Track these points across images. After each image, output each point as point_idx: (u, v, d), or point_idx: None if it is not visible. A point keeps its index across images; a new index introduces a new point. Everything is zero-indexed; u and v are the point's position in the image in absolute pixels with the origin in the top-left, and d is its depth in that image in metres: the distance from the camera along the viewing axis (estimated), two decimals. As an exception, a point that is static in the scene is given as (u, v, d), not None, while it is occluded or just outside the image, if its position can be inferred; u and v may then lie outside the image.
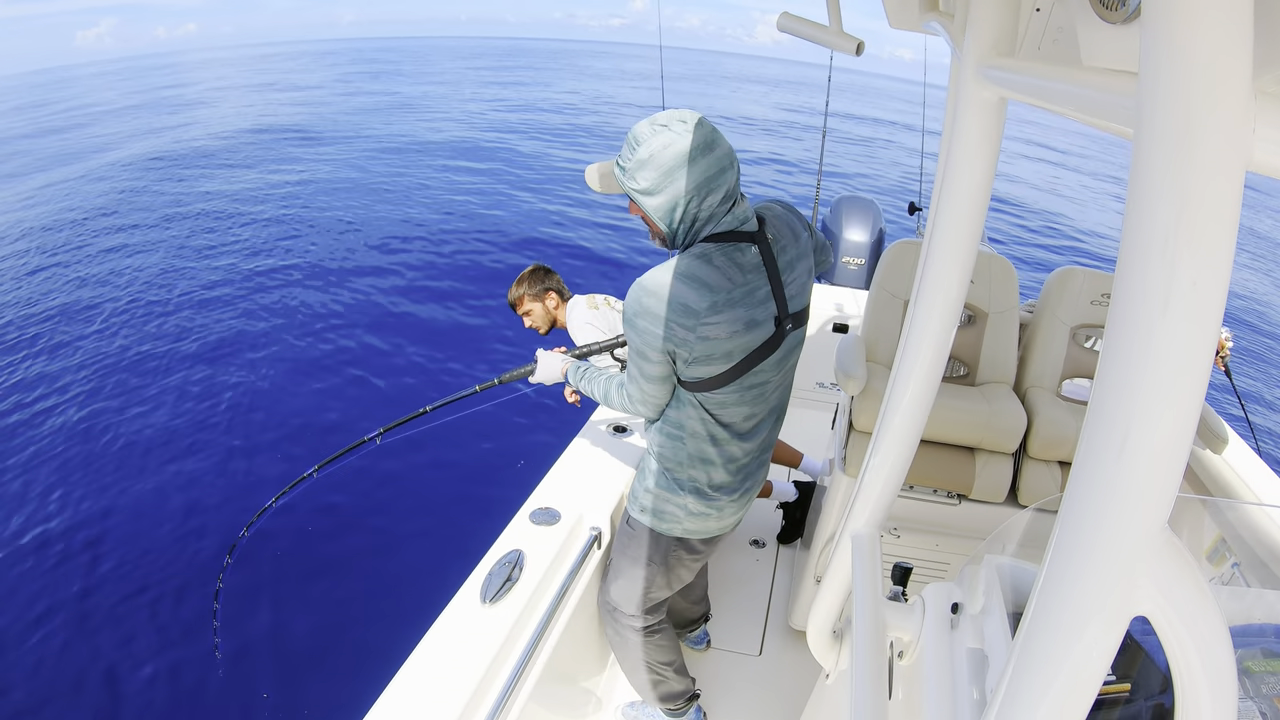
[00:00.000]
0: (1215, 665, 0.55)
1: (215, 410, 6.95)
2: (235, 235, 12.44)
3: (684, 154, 1.59)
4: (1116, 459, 0.54)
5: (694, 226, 1.69)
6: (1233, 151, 0.46)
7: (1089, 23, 0.76)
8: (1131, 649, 1.02)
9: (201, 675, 4.20)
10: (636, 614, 2.30)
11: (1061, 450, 2.48)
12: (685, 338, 1.66)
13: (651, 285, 1.66)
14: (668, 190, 1.62)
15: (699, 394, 1.81)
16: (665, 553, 2.13)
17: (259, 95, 37.07)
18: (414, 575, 4.80)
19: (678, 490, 1.99)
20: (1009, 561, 1.27)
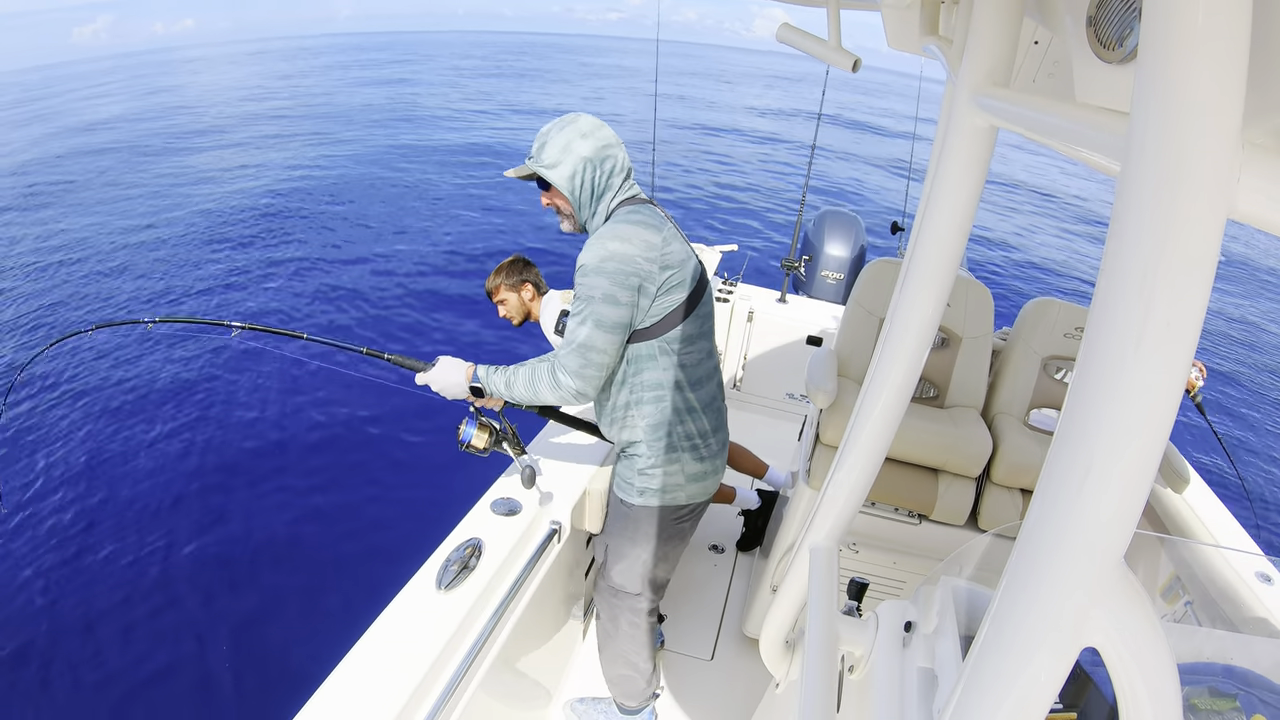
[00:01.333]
0: (1161, 701, 0.55)
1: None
2: (224, 232, 12.31)
3: (579, 131, 1.90)
4: (1078, 491, 0.55)
5: (595, 194, 1.96)
6: (1217, 198, 0.47)
7: (1085, 60, 0.77)
8: (1080, 679, 1.03)
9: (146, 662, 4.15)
10: (642, 592, 2.38)
11: (1025, 478, 2.51)
12: (651, 269, 1.89)
13: (610, 234, 1.88)
14: (567, 160, 1.90)
15: (664, 336, 1.98)
16: (665, 524, 2.24)
17: (254, 90, 36.52)
18: (370, 557, 4.77)
19: (673, 453, 2.12)
20: (965, 584, 1.28)
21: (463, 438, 2.29)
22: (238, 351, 9.30)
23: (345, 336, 7.35)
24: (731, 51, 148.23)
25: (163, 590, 4.64)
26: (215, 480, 5.93)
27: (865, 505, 2.56)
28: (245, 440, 6.53)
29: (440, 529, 2.25)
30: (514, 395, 2.05)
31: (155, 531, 5.21)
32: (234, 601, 4.59)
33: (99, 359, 7.85)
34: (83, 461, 6.14)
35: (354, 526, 5.37)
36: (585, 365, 1.90)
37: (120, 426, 6.64)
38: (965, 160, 1.07)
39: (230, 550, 5.15)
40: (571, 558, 2.67)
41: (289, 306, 9.04)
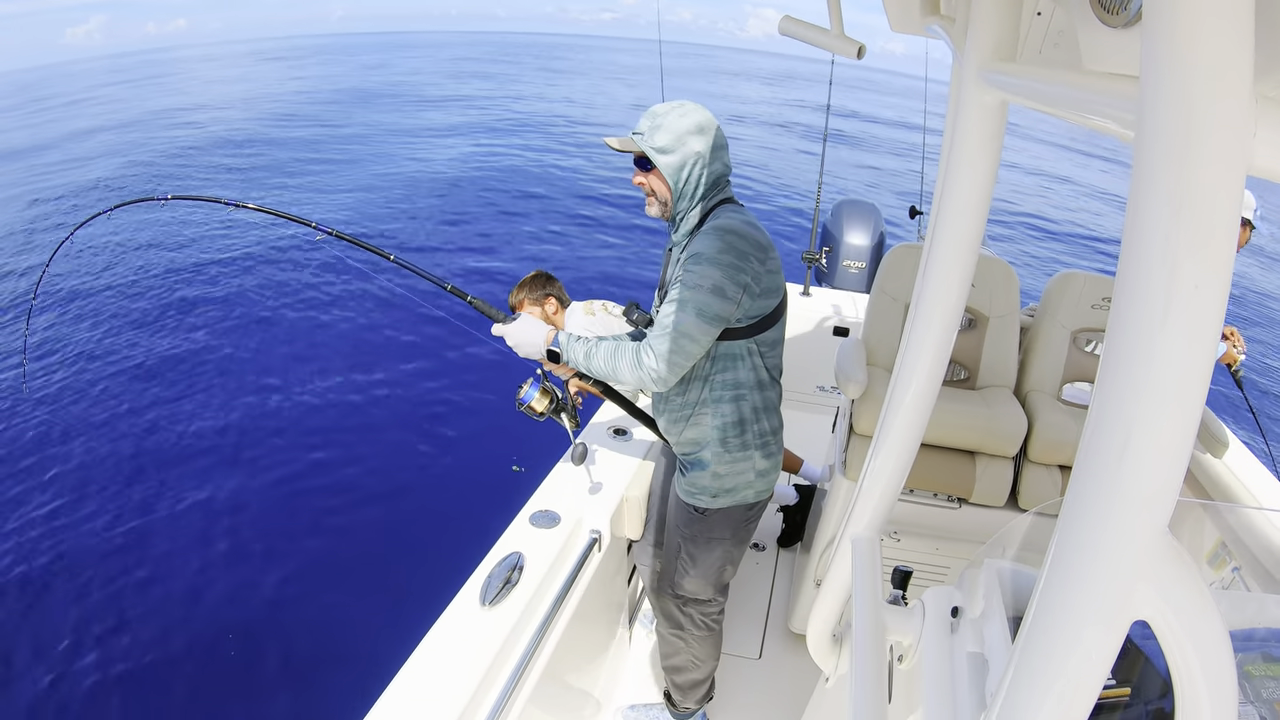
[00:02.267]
0: (1215, 670, 0.55)
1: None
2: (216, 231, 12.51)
3: (696, 124, 1.89)
4: (1117, 463, 0.54)
5: (698, 190, 1.93)
6: (1233, 155, 0.46)
7: (1090, 26, 0.76)
8: (1131, 653, 1.02)
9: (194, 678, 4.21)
10: (714, 596, 2.40)
11: (1062, 454, 2.48)
12: (759, 271, 1.91)
13: (731, 227, 1.88)
14: (680, 151, 1.88)
15: (757, 337, 2.00)
16: (737, 525, 2.25)
17: (247, 90, 37.02)
18: (414, 576, 4.80)
19: (745, 452, 2.11)
20: (1009, 565, 1.27)
21: (523, 398, 2.28)
22: (315, 260, 10.00)
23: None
24: (727, 51, 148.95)
25: (194, 598, 4.72)
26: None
27: (904, 493, 2.54)
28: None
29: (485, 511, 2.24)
30: (591, 367, 1.99)
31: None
32: (277, 610, 4.67)
33: (167, 230, 8.38)
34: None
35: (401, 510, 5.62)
36: (675, 352, 1.87)
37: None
38: (978, 138, 1.07)
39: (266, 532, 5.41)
40: (613, 566, 2.68)
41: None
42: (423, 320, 8.65)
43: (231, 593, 4.88)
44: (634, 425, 2.97)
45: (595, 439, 2.88)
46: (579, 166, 17.90)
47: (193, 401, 7.25)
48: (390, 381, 7.72)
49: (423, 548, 5.11)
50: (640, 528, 2.65)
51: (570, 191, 15.55)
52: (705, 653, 2.49)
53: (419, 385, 7.63)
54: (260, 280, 9.94)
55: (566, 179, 16.71)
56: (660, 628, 2.52)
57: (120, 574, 5.10)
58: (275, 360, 8.10)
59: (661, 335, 1.88)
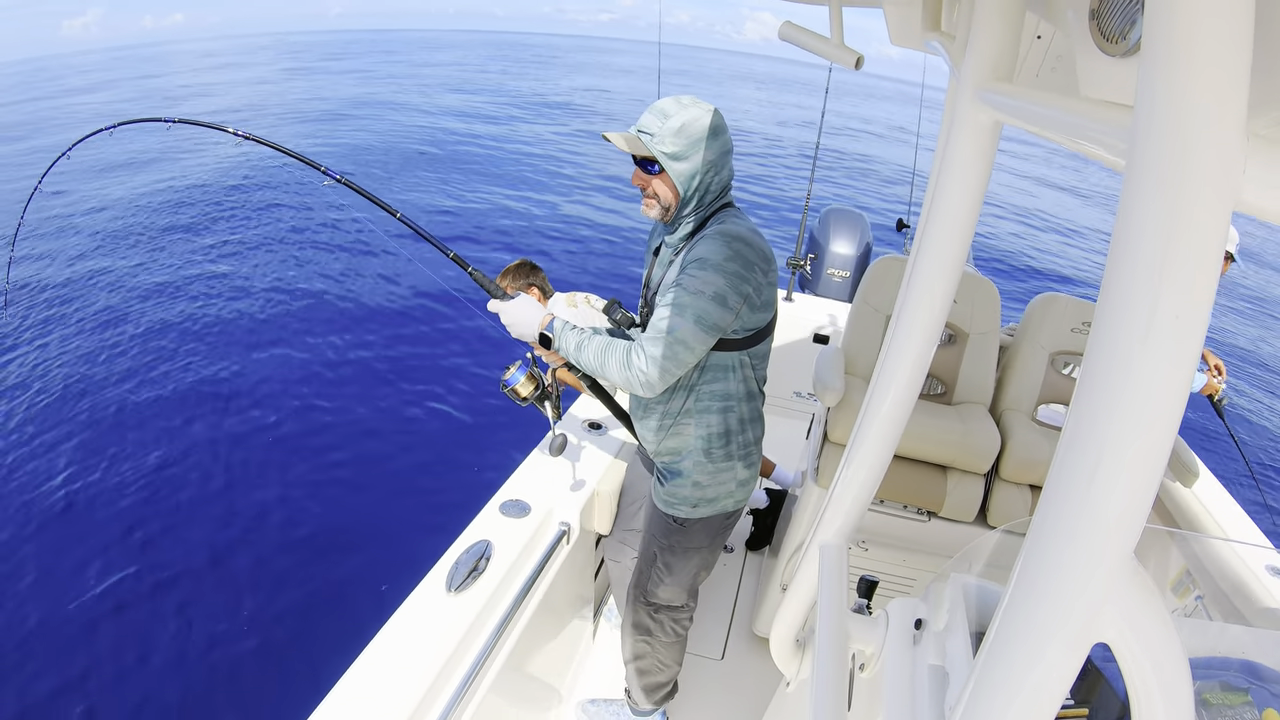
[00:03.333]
0: (1173, 695, 0.55)
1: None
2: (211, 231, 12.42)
3: (710, 128, 1.80)
4: (1087, 485, 0.54)
5: (704, 197, 1.87)
6: (1223, 190, 0.47)
7: (1089, 53, 0.77)
8: (1091, 675, 1.03)
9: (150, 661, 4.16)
10: (686, 601, 2.39)
11: (1033, 474, 2.50)
12: (761, 282, 1.85)
13: (739, 234, 1.82)
14: (692, 158, 1.80)
15: (749, 349, 1.97)
16: (715, 533, 2.24)
17: (244, 86, 36.59)
18: (380, 560, 4.78)
19: (729, 462, 2.08)
20: (975, 581, 1.28)
21: (508, 380, 2.24)
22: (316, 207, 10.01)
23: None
24: (723, 54, 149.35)
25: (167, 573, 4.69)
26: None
27: (874, 503, 2.56)
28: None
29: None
30: (581, 359, 1.94)
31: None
32: (248, 591, 4.64)
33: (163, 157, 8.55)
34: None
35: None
36: (668, 358, 1.80)
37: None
38: (970, 156, 1.07)
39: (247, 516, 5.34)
40: (581, 559, 2.68)
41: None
42: (418, 284, 8.85)
43: (189, 563, 4.84)
44: (607, 419, 2.97)
45: (570, 431, 2.87)
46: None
47: (160, 345, 7.42)
48: (373, 344, 7.81)
49: (389, 533, 5.10)
50: (610, 523, 2.65)
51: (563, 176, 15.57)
52: (671, 657, 2.49)
53: (404, 353, 7.71)
54: (258, 221, 10.04)
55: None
56: (627, 632, 2.49)
57: (68, 532, 5.08)
58: (258, 309, 8.38)
59: (655, 339, 1.81)
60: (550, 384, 2.30)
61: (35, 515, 5.32)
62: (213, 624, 4.36)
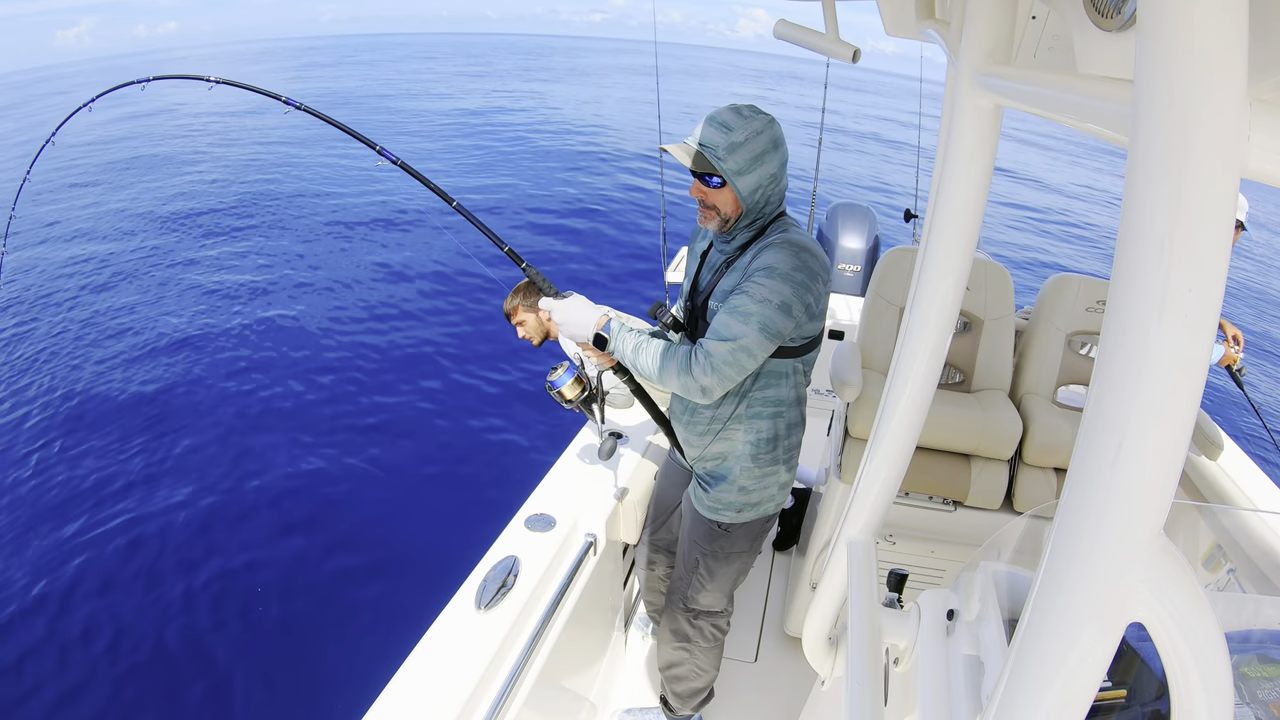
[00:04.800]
0: (1211, 671, 0.55)
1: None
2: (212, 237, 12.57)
3: (772, 141, 1.78)
4: (1112, 465, 0.54)
5: (766, 209, 1.86)
6: (1228, 158, 0.46)
7: (1084, 30, 0.77)
8: (1127, 655, 1.02)
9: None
10: (726, 607, 2.40)
11: (1057, 457, 2.48)
12: (820, 292, 1.86)
13: (805, 244, 1.82)
14: (756, 172, 1.77)
15: (803, 356, 1.98)
16: (755, 537, 2.25)
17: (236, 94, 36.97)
18: (408, 579, 4.79)
19: (775, 466, 2.09)
20: (1005, 568, 1.27)
21: (555, 382, 2.21)
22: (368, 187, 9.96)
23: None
24: (717, 51, 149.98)
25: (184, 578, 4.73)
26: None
27: (899, 496, 2.54)
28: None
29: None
30: (637, 361, 1.90)
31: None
32: (273, 611, 4.66)
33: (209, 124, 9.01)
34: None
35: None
36: (730, 365, 1.78)
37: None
38: (973, 142, 1.07)
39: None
40: (609, 569, 2.67)
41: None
42: (466, 276, 9.10)
43: (217, 586, 4.87)
44: (629, 428, 2.97)
45: (590, 444, 2.87)
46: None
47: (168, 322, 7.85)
48: (414, 340, 7.98)
49: (417, 550, 5.11)
50: (637, 531, 2.65)
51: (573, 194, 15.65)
52: (709, 662, 2.49)
53: (444, 350, 7.84)
54: (304, 198, 10.37)
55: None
56: (665, 640, 2.49)
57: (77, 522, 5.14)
58: (294, 285, 8.69)
59: (720, 343, 1.78)
60: (597, 387, 2.27)
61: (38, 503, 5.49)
62: (234, 650, 4.38)
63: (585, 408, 2.27)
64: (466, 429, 6.59)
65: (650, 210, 13.56)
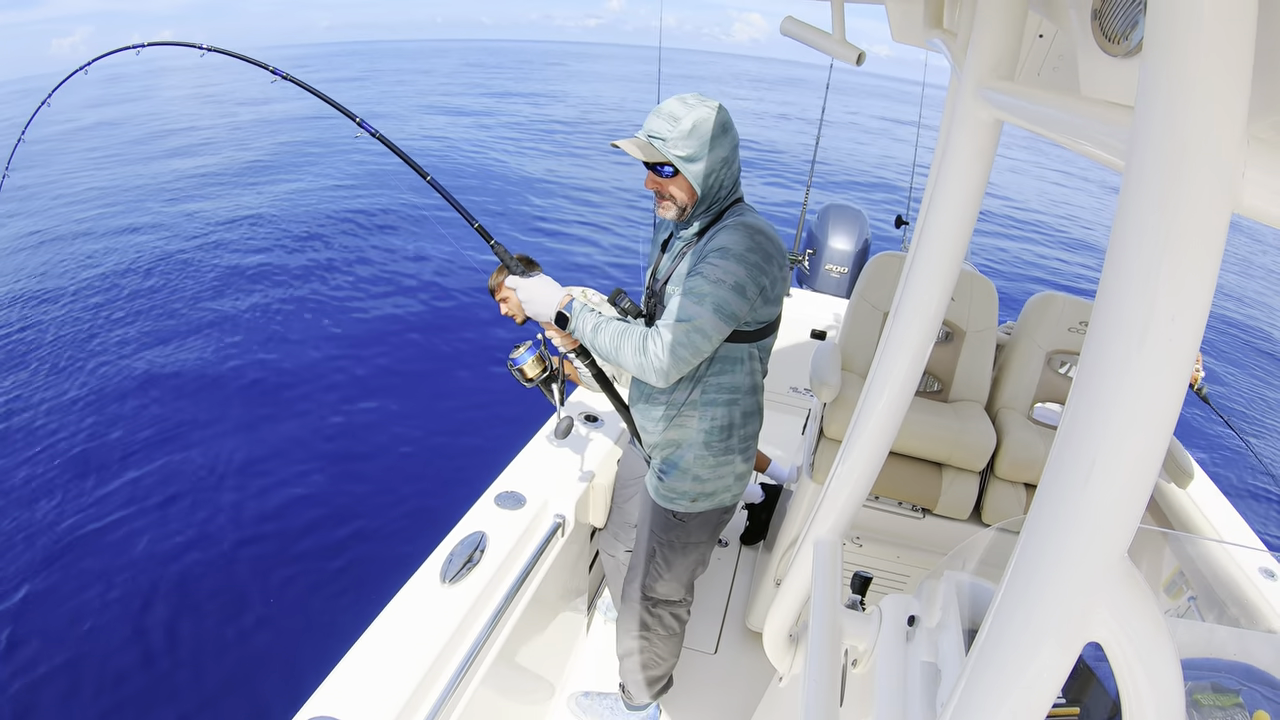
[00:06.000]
0: (1164, 695, 0.55)
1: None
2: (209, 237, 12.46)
3: (720, 126, 1.79)
4: (1082, 485, 0.54)
5: (719, 194, 1.88)
6: (1222, 192, 0.47)
7: (1090, 53, 0.77)
8: (1083, 674, 1.03)
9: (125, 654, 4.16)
10: (685, 596, 2.40)
11: (1029, 472, 2.50)
12: (776, 276, 1.87)
13: (760, 227, 1.85)
14: (706, 158, 1.79)
15: (758, 342, 1.98)
16: (713, 528, 2.25)
17: (232, 103, 36.44)
18: (373, 551, 4.78)
19: (728, 456, 2.09)
20: (968, 579, 1.28)
21: (516, 359, 2.23)
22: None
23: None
24: (712, 55, 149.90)
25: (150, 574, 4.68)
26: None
27: (869, 499, 2.56)
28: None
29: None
30: (595, 341, 1.92)
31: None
32: (235, 581, 4.64)
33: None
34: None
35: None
36: (684, 346, 1.79)
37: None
38: (970, 154, 1.07)
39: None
40: (575, 552, 2.68)
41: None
42: (434, 253, 9.19)
43: (180, 554, 4.84)
44: (605, 413, 2.97)
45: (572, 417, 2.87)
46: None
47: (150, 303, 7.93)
48: (381, 313, 8.06)
49: (384, 523, 5.10)
50: (605, 515, 2.65)
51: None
52: (667, 651, 2.49)
53: (409, 326, 7.90)
54: (278, 167, 10.53)
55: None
56: (624, 628, 2.49)
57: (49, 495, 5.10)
58: (256, 269, 8.97)
59: (674, 325, 1.80)
60: (557, 368, 2.27)
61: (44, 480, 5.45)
62: (205, 613, 4.35)
63: (545, 387, 2.28)
64: (439, 406, 6.60)
65: (630, 209, 13.66)
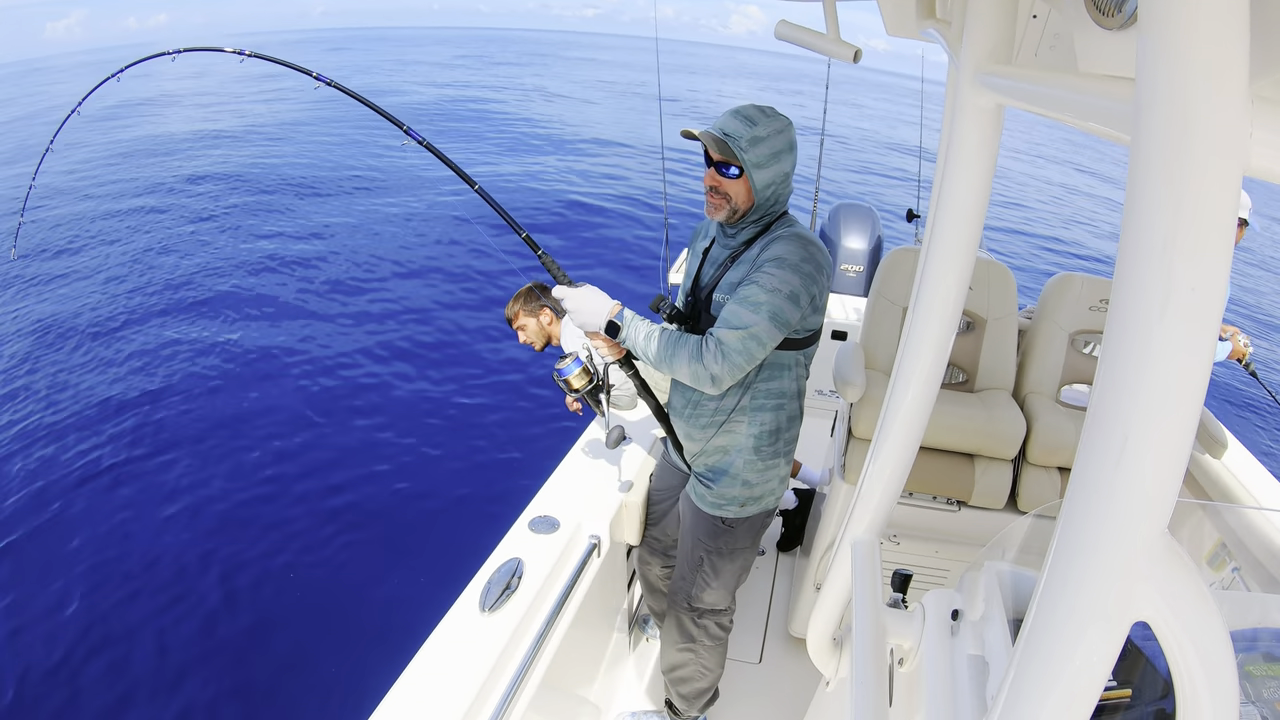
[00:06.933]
0: (1216, 670, 0.54)
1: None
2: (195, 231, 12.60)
3: (790, 142, 1.87)
4: (1116, 464, 0.54)
5: (773, 206, 1.94)
6: (1230, 156, 0.46)
7: (1085, 29, 0.77)
8: (1132, 654, 1.01)
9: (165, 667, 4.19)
10: (730, 605, 2.41)
11: (1061, 456, 2.48)
12: (824, 285, 1.93)
13: (811, 239, 1.90)
14: (773, 168, 1.85)
15: (804, 350, 2.04)
16: (758, 531, 2.28)
17: (229, 87, 36.90)
18: (412, 582, 4.79)
19: (775, 459, 2.14)
20: (1009, 568, 1.27)
21: (562, 370, 2.21)
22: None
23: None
24: (710, 48, 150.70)
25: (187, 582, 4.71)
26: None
27: (903, 496, 2.54)
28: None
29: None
30: (649, 349, 1.91)
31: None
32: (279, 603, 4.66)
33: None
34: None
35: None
36: (741, 353, 1.82)
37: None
38: (975, 141, 1.07)
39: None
40: (612, 571, 2.68)
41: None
42: (477, 261, 9.55)
43: (216, 584, 4.86)
44: (633, 430, 2.97)
45: (593, 446, 2.87)
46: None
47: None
48: (423, 325, 8.25)
49: (422, 552, 5.10)
50: (639, 533, 2.64)
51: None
52: (714, 662, 2.48)
53: (451, 337, 8.09)
54: (318, 176, 10.85)
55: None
56: (669, 641, 2.48)
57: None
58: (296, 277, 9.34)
59: (731, 332, 1.82)
60: (604, 378, 2.27)
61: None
62: (242, 652, 4.37)
63: (591, 399, 2.28)
64: (473, 427, 6.61)
65: (648, 211, 13.62)
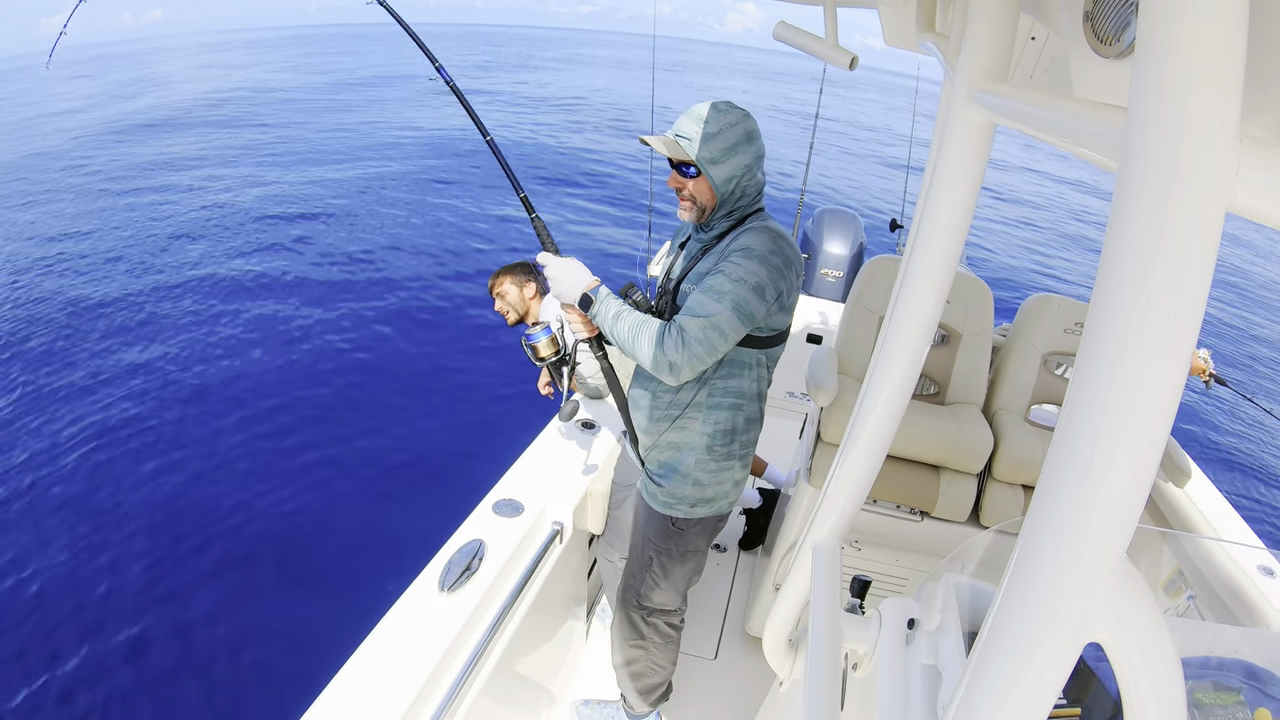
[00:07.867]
0: (1165, 695, 0.55)
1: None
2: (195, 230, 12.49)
3: (746, 133, 1.84)
4: (1080, 485, 0.54)
5: (739, 200, 1.90)
6: (1216, 191, 0.47)
7: (1083, 55, 0.77)
8: (1084, 674, 1.03)
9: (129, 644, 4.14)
10: (680, 605, 2.39)
11: (1026, 474, 2.50)
12: (793, 283, 1.90)
13: (782, 233, 1.88)
14: (730, 162, 1.83)
15: (767, 350, 1.99)
16: (709, 534, 2.24)
17: (223, 81, 36.47)
18: (372, 560, 4.76)
19: (729, 461, 2.09)
20: (967, 581, 1.28)
21: (531, 336, 2.25)
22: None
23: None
24: (706, 45, 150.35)
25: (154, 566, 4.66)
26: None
27: (867, 503, 2.56)
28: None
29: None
30: (615, 329, 1.90)
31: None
32: (234, 584, 4.63)
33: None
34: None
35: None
36: (701, 342, 1.78)
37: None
38: (964, 157, 1.07)
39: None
40: (574, 559, 2.67)
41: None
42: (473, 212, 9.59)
43: (173, 557, 4.84)
44: (601, 419, 2.97)
45: (562, 432, 2.87)
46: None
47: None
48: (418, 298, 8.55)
49: (383, 531, 5.08)
50: (603, 522, 2.64)
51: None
52: (665, 659, 2.48)
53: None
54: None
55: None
56: (619, 637, 2.47)
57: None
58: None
59: (693, 319, 1.80)
60: (570, 353, 2.28)
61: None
62: (200, 623, 4.33)
63: (554, 370, 2.30)
64: (438, 411, 6.58)
65: (631, 205, 13.67)
